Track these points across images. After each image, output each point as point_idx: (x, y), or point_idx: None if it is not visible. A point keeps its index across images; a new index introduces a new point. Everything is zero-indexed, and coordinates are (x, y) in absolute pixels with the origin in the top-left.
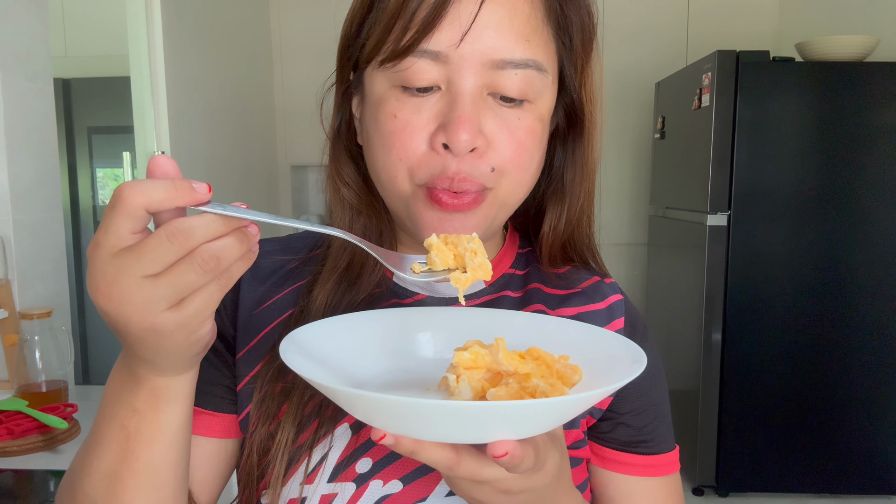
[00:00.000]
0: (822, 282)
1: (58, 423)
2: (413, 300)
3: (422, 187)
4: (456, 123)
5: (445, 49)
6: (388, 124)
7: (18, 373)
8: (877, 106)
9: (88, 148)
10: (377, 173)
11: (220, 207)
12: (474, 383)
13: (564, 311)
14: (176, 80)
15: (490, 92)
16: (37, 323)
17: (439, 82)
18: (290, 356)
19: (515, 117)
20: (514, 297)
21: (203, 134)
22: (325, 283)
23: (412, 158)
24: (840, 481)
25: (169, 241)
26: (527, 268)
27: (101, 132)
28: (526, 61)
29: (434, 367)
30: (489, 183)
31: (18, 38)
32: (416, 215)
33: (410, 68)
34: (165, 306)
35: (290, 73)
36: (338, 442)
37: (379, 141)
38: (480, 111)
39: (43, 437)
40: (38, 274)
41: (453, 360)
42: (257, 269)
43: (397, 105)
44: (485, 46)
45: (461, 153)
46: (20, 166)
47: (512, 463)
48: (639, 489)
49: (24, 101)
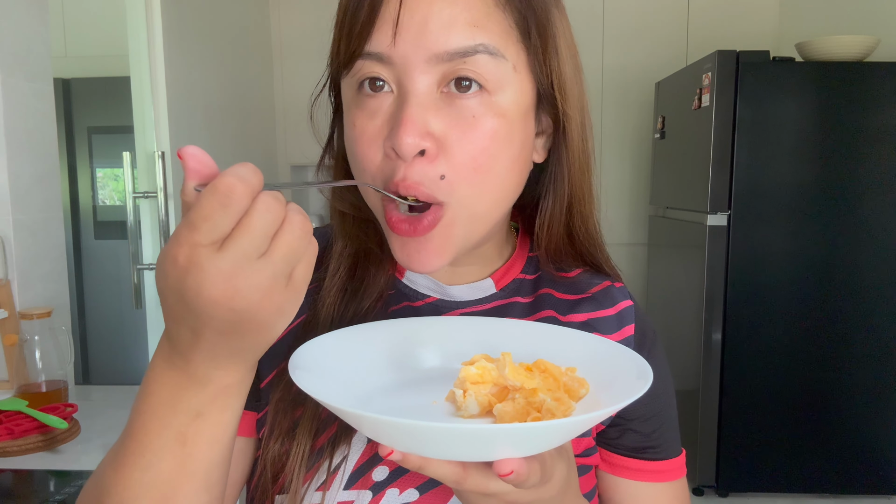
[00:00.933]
0: (822, 281)
1: (58, 423)
2: (424, 303)
3: (385, 201)
4: (399, 126)
5: (385, 49)
6: (350, 133)
7: (18, 373)
8: (877, 106)
9: (88, 148)
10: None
11: (269, 185)
12: (481, 398)
13: (574, 316)
14: (176, 80)
15: (445, 87)
16: (37, 323)
17: (390, 84)
18: (299, 373)
19: (470, 114)
20: (525, 303)
21: (203, 134)
22: (329, 292)
23: (372, 167)
24: (840, 481)
25: (267, 212)
26: (537, 272)
27: (100, 132)
28: (474, 47)
29: (441, 379)
30: (441, 195)
31: (18, 38)
32: (386, 232)
33: (360, 71)
34: (284, 282)
35: (290, 73)
36: (354, 449)
37: (349, 152)
38: (429, 111)
39: (43, 437)
40: (38, 274)
41: (460, 375)
42: None
43: (357, 112)
44: (425, 41)
45: (407, 157)
46: (20, 166)
47: (518, 480)
48: (646, 494)
49: (24, 101)
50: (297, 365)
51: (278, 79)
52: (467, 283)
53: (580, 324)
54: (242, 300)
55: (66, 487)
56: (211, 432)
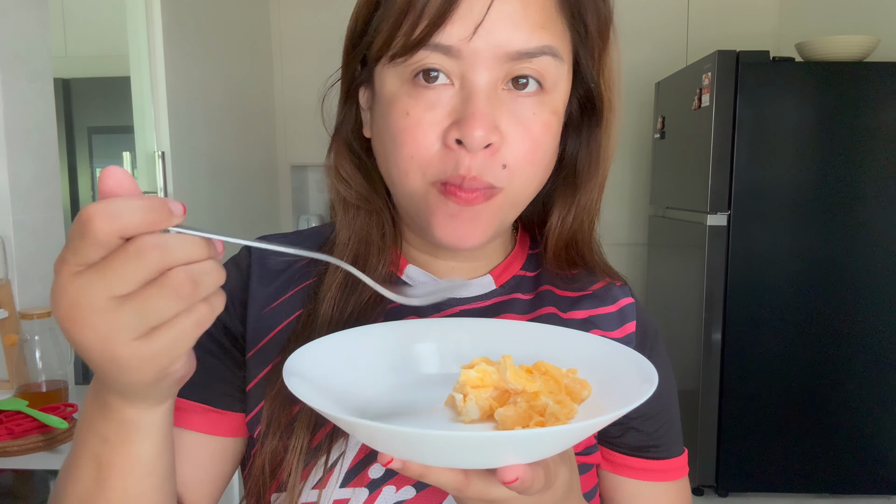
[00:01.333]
0: (822, 281)
1: (58, 422)
2: None
3: (434, 184)
4: (470, 119)
5: (457, 43)
6: (399, 122)
7: (18, 373)
8: (877, 106)
9: (88, 148)
10: (388, 170)
11: (194, 230)
12: (482, 402)
13: (575, 313)
14: (176, 80)
15: (505, 85)
16: (37, 323)
17: (452, 77)
18: (294, 381)
19: (531, 112)
20: (525, 300)
21: (203, 134)
22: (330, 286)
23: (424, 156)
24: (840, 481)
25: (138, 257)
26: (538, 269)
27: (101, 132)
28: (541, 48)
29: (440, 383)
30: (500, 182)
31: (19, 38)
32: (427, 210)
33: (422, 62)
34: (131, 336)
35: (290, 73)
36: (351, 446)
37: (390, 138)
38: (495, 107)
39: (43, 437)
40: (38, 274)
41: (460, 379)
42: (266, 268)
43: (409, 102)
44: (498, 39)
45: (475, 149)
46: (20, 166)
47: (522, 487)
48: (648, 494)
49: (25, 101)
50: (292, 371)
51: (278, 79)
52: (466, 279)
53: (581, 321)
54: (77, 333)
55: None
56: (121, 462)
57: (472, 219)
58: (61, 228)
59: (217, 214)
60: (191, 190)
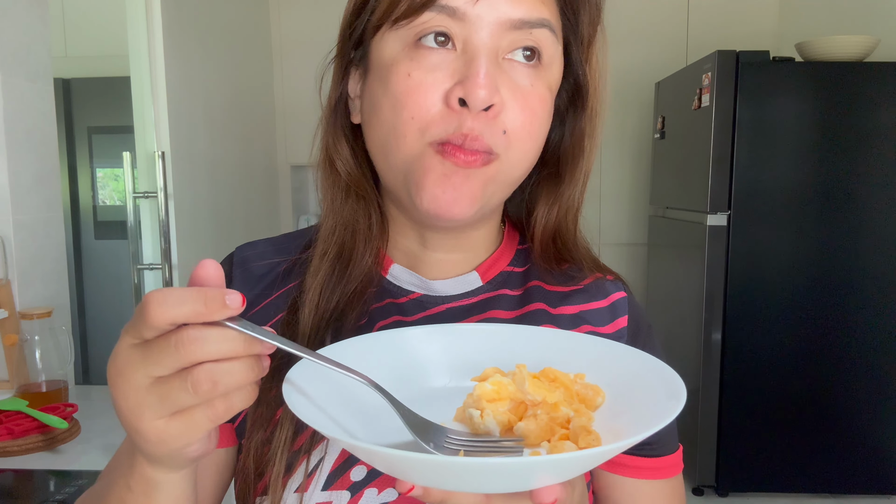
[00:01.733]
0: (822, 281)
1: (58, 423)
2: (408, 299)
3: (432, 144)
4: (474, 78)
5: (463, 5)
6: (400, 84)
7: (19, 373)
8: (877, 106)
9: (88, 148)
10: (382, 140)
11: (248, 326)
12: (500, 417)
13: (565, 308)
14: (176, 80)
15: (505, 54)
16: (37, 323)
17: (456, 41)
18: (295, 399)
19: (529, 83)
20: (513, 296)
21: (203, 134)
22: (317, 272)
23: (426, 116)
24: (840, 481)
25: (176, 348)
26: (526, 265)
27: (101, 132)
28: (542, 20)
29: (448, 396)
30: (498, 148)
31: (19, 37)
32: (419, 172)
33: (427, 23)
34: (153, 415)
35: (289, 73)
36: (332, 449)
37: (389, 103)
38: (497, 72)
39: (43, 437)
40: (38, 274)
41: (475, 393)
42: (249, 273)
43: (411, 64)
44: (501, 6)
45: (478, 108)
46: (20, 166)
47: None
48: (643, 492)
49: (25, 101)
50: (291, 390)
51: (278, 79)
52: (451, 276)
53: (571, 316)
54: (117, 397)
55: (66, 487)
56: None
57: (463, 181)
58: (61, 228)
59: (217, 214)
60: (191, 190)
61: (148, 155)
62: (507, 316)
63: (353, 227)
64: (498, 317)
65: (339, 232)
